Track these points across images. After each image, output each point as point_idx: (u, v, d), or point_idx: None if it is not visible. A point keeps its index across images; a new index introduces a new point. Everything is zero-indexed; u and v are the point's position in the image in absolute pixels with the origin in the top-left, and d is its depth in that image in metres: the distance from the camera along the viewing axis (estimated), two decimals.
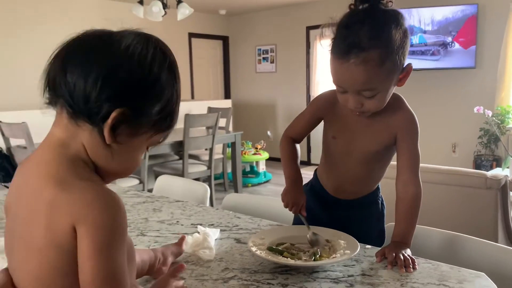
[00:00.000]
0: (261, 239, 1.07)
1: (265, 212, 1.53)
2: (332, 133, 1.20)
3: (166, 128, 0.67)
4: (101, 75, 0.59)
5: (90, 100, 0.59)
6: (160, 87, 0.64)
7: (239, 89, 7.70)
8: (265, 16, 7.12)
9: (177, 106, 0.68)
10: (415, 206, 1.09)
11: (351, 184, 1.23)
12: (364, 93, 1.00)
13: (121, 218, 0.58)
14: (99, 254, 0.55)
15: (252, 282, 0.91)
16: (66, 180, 0.58)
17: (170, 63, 0.66)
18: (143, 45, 0.63)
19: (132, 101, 0.61)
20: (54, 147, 0.62)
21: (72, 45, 0.62)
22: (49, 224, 0.57)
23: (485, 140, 4.93)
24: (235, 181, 4.91)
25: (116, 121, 0.60)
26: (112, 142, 0.62)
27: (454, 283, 0.89)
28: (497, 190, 2.20)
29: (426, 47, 5.14)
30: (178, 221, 1.35)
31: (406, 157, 1.11)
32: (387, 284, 0.90)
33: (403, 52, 1.00)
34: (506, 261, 1.09)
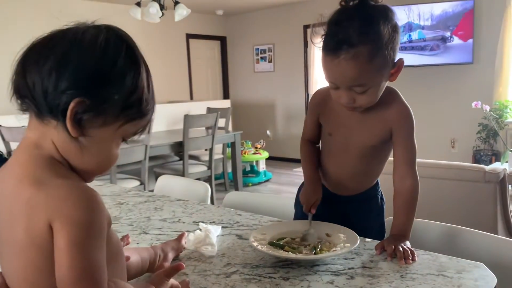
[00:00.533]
0: (262, 234, 1.08)
1: (266, 209, 1.54)
2: (328, 130, 1.21)
3: (136, 117, 0.65)
4: (54, 67, 0.59)
5: (48, 94, 0.59)
6: (117, 72, 0.62)
7: (238, 89, 7.71)
8: (262, 15, 7.14)
9: (146, 93, 0.65)
10: (413, 199, 1.10)
11: (350, 180, 1.24)
12: (355, 88, 1.02)
13: (97, 214, 0.57)
14: (73, 250, 0.55)
15: (254, 276, 0.92)
16: (41, 179, 0.58)
17: (128, 48, 0.64)
18: (95, 32, 0.62)
19: (89, 89, 0.60)
20: (28, 149, 0.62)
21: (28, 47, 0.62)
22: (27, 225, 0.57)
23: (483, 135, 4.94)
24: (236, 181, 4.93)
25: (76, 111, 0.59)
26: (79, 135, 0.61)
27: (453, 273, 0.91)
28: (495, 184, 2.21)
29: (425, 42, 5.15)
30: (179, 219, 1.36)
31: (402, 151, 1.12)
32: (387, 275, 0.91)
33: (392, 47, 1.01)
34: (505, 252, 1.10)
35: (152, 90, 0.67)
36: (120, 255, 0.70)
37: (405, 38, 5.23)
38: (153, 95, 0.67)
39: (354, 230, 1.07)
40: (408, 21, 5.18)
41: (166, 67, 6.62)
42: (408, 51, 5.25)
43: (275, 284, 0.88)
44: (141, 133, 0.68)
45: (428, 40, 5.14)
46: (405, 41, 5.24)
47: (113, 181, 3.42)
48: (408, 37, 5.22)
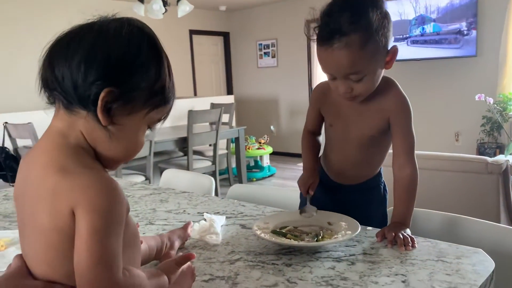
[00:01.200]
0: (265, 223, 1.10)
1: (269, 201, 1.56)
2: (329, 121, 1.24)
3: (161, 104, 0.68)
4: (82, 60, 0.61)
5: (78, 86, 0.61)
6: (142, 62, 0.64)
7: (241, 85, 7.73)
8: (265, 11, 7.14)
9: (168, 81, 0.68)
10: (412, 187, 1.12)
11: (351, 169, 1.26)
12: (351, 77, 1.04)
13: (118, 203, 0.60)
14: (93, 237, 0.57)
15: (257, 263, 0.95)
16: (66, 167, 0.61)
17: (149, 39, 0.67)
18: (118, 24, 0.65)
19: (117, 79, 0.62)
20: (54, 138, 0.64)
21: (55, 42, 0.64)
22: (51, 209, 0.59)
23: (488, 128, 4.94)
24: (240, 176, 4.95)
25: (106, 101, 0.62)
26: (109, 123, 0.63)
27: (452, 258, 0.92)
28: (498, 175, 2.22)
29: (438, 36, 5.12)
30: (184, 210, 1.38)
31: (401, 140, 1.14)
32: (387, 261, 0.93)
33: (383, 33, 1.03)
34: (505, 239, 1.12)
35: (172, 78, 0.70)
36: (136, 239, 0.73)
37: (417, 31, 5.22)
38: (173, 83, 0.70)
39: (357, 219, 1.09)
40: (421, 14, 5.16)
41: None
42: (421, 45, 5.22)
43: (278, 270, 0.91)
44: (164, 120, 0.71)
45: (442, 34, 5.10)
46: (418, 34, 5.22)
47: (118, 177, 3.46)
48: (421, 30, 5.20)
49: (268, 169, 5.79)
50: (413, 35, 5.25)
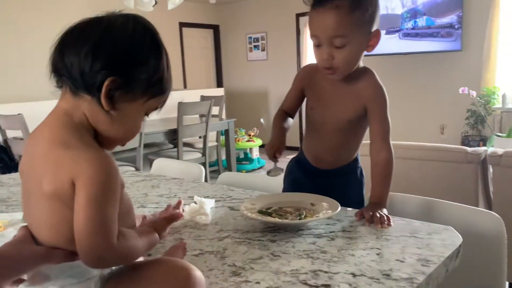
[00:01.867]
0: (252, 204, 1.17)
1: (257, 187, 1.62)
2: (311, 104, 1.32)
3: (159, 93, 0.76)
4: (90, 50, 0.68)
5: (85, 73, 0.68)
6: (144, 55, 0.72)
7: (231, 77, 7.77)
8: (254, 4, 7.18)
9: (166, 73, 0.76)
10: (388, 170, 1.20)
11: (328, 153, 1.34)
12: (335, 41, 1.12)
13: (114, 177, 0.67)
14: (92, 205, 0.64)
15: (244, 240, 1.02)
16: (69, 142, 0.68)
17: (151, 34, 0.74)
18: (124, 20, 0.73)
19: (121, 69, 0.69)
20: (59, 116, 0.71)
21: (66, 32, 0.71)
22: (54, 179, 0.66)
23: (472, 121, 5.06)
24: (230, 168, 5.01)
25: (109, 88, 0.69)
26: (111, 109, 0.71)
27: (424, 234, 1.00)
28: (477, 164, 2.32)
29: (430, 29, 5.20)
30: (175, 194, 1.45)
31: (377, 126, 1.23)
32: (364, 237, 1.00)
33: (371, 12, 1.13)
34: (476, 220, 1.20)
35: (170, 70, 0.78)
36: (130, 213, 0.80)
37: (409, 25, 5.30)
38: (170, 75, 0.78)
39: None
40: (413, 7, 5.24)
41: None
42: (412, 38, 5.30)
43: (263, 245, 0.98)
44: (161, 107, 0.79)
45: (433, 27, 5.18)
46: (409, 27, 5.31)
47: None
48: (413, 23, 5.28)
49: (258, 161, 5.86)
50: (404, 28, 5.33)
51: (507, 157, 2.18)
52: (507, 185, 2.25)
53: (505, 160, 2.19)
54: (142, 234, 0.75)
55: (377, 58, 5.74)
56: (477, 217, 1.21)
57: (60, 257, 0.68)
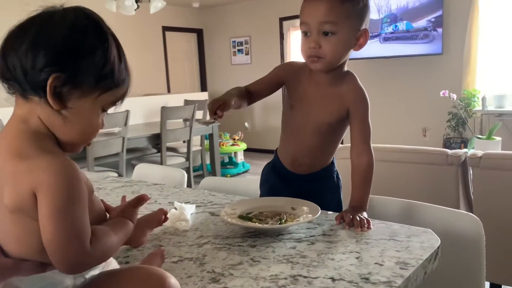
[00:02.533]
0: (232, 209, 1.16)
1: (239, 192, 1.62)
2: (291, 102, 1.30)
3: (111, 87, 0.71)
4: (29, 48, 0.65)
5: (28, 74, 0.65)
6: (88, 46, 0.67)
7: (215, 81, 7.76)
8: (238, 8, 7.18)
9: (118, 64, 0.71)
10: (369, 173, 1.21)
11: (306, 156, 1.32)
12: (325, 26, 1.12)
13: (76, 180, 0.63)
14: (57, 214, 0.61)
15: (224, 245, 1.01)
16: (25, 152, 0.64)
17: (94, 22, 0.70)
18: (63, 12, 0.69)
19: (64, 65, 0.65)
20: (15, 124, 0.68)
21: (7, 34, 0.68)
22: (13, 192, 0.63)
23: (453, 123, 5.13)
24: (214, 172, 5.00)
25: (54, 86, 0.65)
26: (61, 108, 0.67)
27: (403, 237, 1.01)
28: (457, 166, 2.35)
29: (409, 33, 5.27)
30: (155, 200, 1.43)
31: (359, 130, 1.23)
32: (344, 241, 1.00)
33: (362, 7, 1.14)
34: (453, 221, 1.21)
35: (124, 61, 0.73)
36: (102, 219, 0.77)
37: (390, 29, 5.36)
38: (126, 66, 0.73)
39: None
40: (393, 12, 5.30)
41: (142, 60, 6.61)
42: (392, 41, 5.37)
43: (243, 251, 0.97)
44: (121, 103, 0.75)
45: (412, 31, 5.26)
46: (391, 31, 5.37)
47: (90, 171, 3.45)
48: (394, 27, 5.35)
49: (243, 166, 5.85)
50: (384, 32, 5.40)
51: (486, 159, 2.21)
52: (486, 186, 2.28)
53: (484, 162, 2.22)
54: (115, 226, 0.73)
55: (360, 62, 5.80)
56: (456, 219, 1.23)
57: (30, 269, 0.66)
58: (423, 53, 5.25)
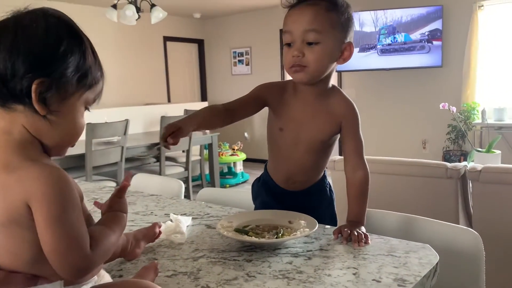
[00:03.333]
0: (229, 222, 1.15)
1: (237, 203, 1.60)
2: (279, 125, 1.25)
3: (92, 83, 0.71)
4: (6, 57, 0.64)
5: (8, 81, 0.64)
6: (65, 48, 0.67)
7: (216, 92, 7.77)
8: (239, 19, 7.22)
9: (93, 61, 0.72)
10: (365, 187, 1.19)
11: (300, 175, 1.29)
12: (309, 35, 1.10)
13: (67, 187, 0.63)
14: (55, 223, 0.61)
15: (219, 259, 0.99)
16: (12, 163, 0.63)
17: (66, 24, 0.70)
18: (33, 17, 0.68)
19: (45, 69, 0.65)
20: (0, 135, 0.67)
21: None
22: (6, 206, 0.62)
23: (453, 136, 5.13)
24: (213, 182, 4.98)
25: (40, 91, 0.64)
26: (47, 113, 0.66)
27: (401, 253, 0.99)
28: (457, 180, 2.33)
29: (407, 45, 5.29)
30: (152, 212, 1.42)
31: (352, 144, 1.21)
32: (341, 256, 0.99)
33: (346, 19, 1.13)
34: (453, 236, 1.20)
35: (97, 57, 0.74)
36: (90, 223, 0.76)
37: (388, 40, 5.38)
38: (99, 61, 0.74)
39: None
40: (391, 24, 5.32)
41: (143, 69, 6.64)
42: (390, 53, 5.38)
43: (239, 265, 0.95)
44: (99, 98, 0.75)
45: (409, 43, 5.28)
46: (386, 44, 5.39)
47: (88, 181, 3.43)
48: (392, 39, 5.36)
49: (242, 176, 5.83)
50: (381, 44, 5.41)
51: (485, 172, 2.20)
52: (486, 200, 2.27)
53: (483, 175, 2.21)
54: (110, 222, 0.74)
55: (360, 73, 5.82)
56: (455, 234, 1.21)
57: (21, 282, 0.65)
58: (422, 66, 5.26)
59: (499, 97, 5.00)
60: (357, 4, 5.53)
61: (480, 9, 4.92)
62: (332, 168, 2.56)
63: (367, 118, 5.90)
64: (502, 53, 4.95)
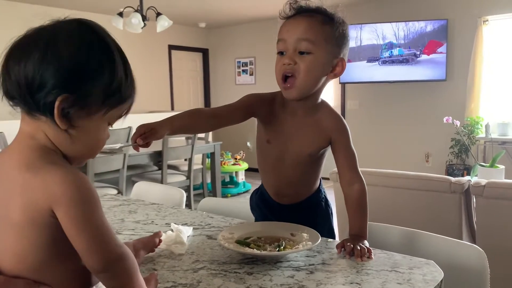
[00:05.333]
0: (230, 233, 1.13)
1: (239, 214, 1.59)
2: (267, 137, 1.24)
3: (118, 103, 0.70)
4: (36, 69, 0.63)
5: (34, 94, 0.64)
6: (96, 66, 0.66)
7: (219, 101, 7.78)
8: (244, 29, 7.26)
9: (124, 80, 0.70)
10: (363, 200, 1.18)
11: (288, 188, 1.28)
12: (302, 44, 1.10)
13: (91, 191, 0.65)
14: (85, 225, 0.63)
15: (220, 272, 0.98)
16: (35, 164, 0.64)
17: (100, 41, 0.68)
18: (68, 29, 0.67)
19: (71, 86, 0.64)
20: (23, 140, 0.68)
21: (9, 49, 0.66)
22: (25, 205, 0.63)
23: (456, 150, 5.11)
24: (214, 191, 4.96)
25: (62, 107, 0.64)
26: (68, 127, 0.66)
27: (405, 269, 0.97)
28: (460, 194, 2.32)
29: (402, 57, 5.31)
30: (153, 221, 1.40)
31: (344, 157, 1.20)
32: (344, 271, 0.97)
33: (341, 34, 1.13)
34: (457, 252, 1.18)
35: (130, 76, 0.72)
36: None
37: (387, 54, 5.39)
38: (132, 80, 0.72)
39: None
40: (390, 41, 5.34)
41: (147, 77, 6.65)
42: (389, 64, 5.39)
43: (239, 278, 0.94)
44: (125, 115, 0.74)
45: (405, 55, 5.30)
46: (387, 56, 5.40)
47: None
48: (389, 53, 5.37)
49: (243, 185, 5.81)
50: (383, 57, 5.42)
51: (490, 187, 2.18)
52: (490, 215, 2.25)
53: (488, 190, 2.19)
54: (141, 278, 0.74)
55: (363, 85, 5.82)
56: (459, 250, 1.19)
57: (22, 287, 0.64)
58: (426, 79, 5.26)
59: (503, 112, 4.99)
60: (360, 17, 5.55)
61: (485, 24, 4.92)
62: (335, 180, 2.54)
63: (370, 130, 5.89)
64: (507, 67, 4.95)
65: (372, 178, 2.41)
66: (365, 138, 5.76)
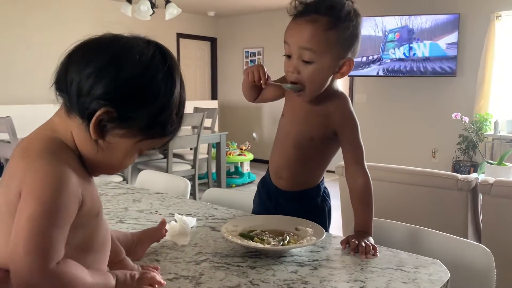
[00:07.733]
0: (234, 226, 1.12)
1: (243, 205, 1.58)
2: (283, 111, 1.33)
3: (157, 136, 0.68)
4: (93, 73, 0.62)
5: (81, 95, 0.62)
6: (152, 91, 0.64)
7: (226, 91, 7.76)
8: (253, 19, 7.20)
9: (173, 115, 0.67)
10: (367, 196, 1.17)
11: (286, 169, 1.29)
12: (304, 53, 1.10)
13: (64, 196, 0.59)
14: (31, 225, 0.57)
15: (222, 264, 0.97)
16: (33, 152, 0.62)
17: (169, 67, 0.66)
18: (140, 46, 0.65)
19: (119, 103, 0.62)
20: (45, 129, 0.67)
21: (79, 45, 0.65)
22: (6, 190, 0.61)
23: (463, 146, 5.06)
24: (219, 181, 4.96)
25: (101, 119, 0.62)
26: (98, 138, 0.64)
27: (410, 268, 0.96)
28: (467, 192, 2.29)
29: (410, 51, 5.26)
30: (156, 210, 1.40)
31: (349, 151, 1.21)
32: (348, 268, 0.96)
33: (349, 37, 1.11)
34: (463, 251, 1.16)
35: (181, 114, 0.69)
36: (106, 245, 0.74)
37: (397, 47, 5.33)
38: (181, 118, 0.69)
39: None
40: (407, 30, 5.28)
41: None
42: (399, 58, 5.34)
43: (242, 272, 0.93)
44: (159, 149, 0.71)
45: (415, 49, 5.25)
46: (397, 50, 5.34)
47: None
48: (400, 47, 5.31)
49: (248, 176, 5.81)
50: (393, 50, 5.36)
51: (497, 186, 2.16)
52: (497, 214, 2.22)
53: (495, 189, 2.16)
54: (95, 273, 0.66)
55: (372, 79, 5.77)
56: (466, 250, 1.17)
57: None
58: (436, 74, 5.19)
59: None
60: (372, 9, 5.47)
61: (497, 19, 4.84)
62: (340, 174, 2.52)
63: (378, 124, 5.85)
64: None
65: (377, 173, 2.38)
66: (372, 132, 5.72)
